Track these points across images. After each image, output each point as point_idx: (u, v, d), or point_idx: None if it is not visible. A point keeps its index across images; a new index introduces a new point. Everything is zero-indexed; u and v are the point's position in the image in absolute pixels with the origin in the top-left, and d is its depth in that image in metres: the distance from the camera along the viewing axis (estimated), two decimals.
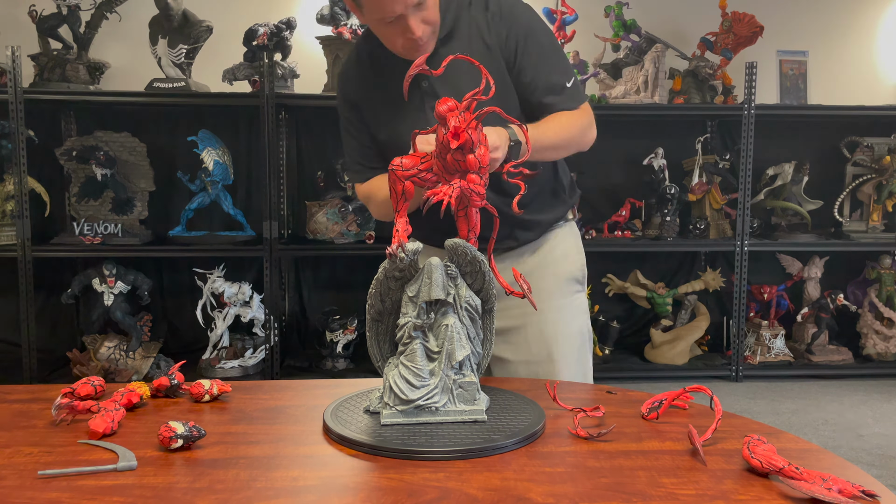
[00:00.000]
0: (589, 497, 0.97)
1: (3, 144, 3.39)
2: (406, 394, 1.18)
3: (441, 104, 1.16)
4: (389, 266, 1.22)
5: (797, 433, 2.94)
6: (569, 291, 1.64)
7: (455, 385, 1.20)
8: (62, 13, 3.43)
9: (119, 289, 3.44)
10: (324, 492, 0.99)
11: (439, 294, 1.19)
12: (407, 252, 1.19)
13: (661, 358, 3.90)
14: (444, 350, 1.20)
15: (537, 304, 1.51)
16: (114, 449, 1.10)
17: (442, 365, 1.19)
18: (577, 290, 1.66)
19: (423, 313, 1.21)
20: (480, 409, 1.20)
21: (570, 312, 1.63)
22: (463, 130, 1.14)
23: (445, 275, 1.21)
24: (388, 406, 1.19)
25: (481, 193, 1.19)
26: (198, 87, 3.48)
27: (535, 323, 1.59)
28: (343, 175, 3.62)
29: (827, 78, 4.21)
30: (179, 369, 1.41)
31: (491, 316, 1.28)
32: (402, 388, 1.19)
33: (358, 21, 3.44)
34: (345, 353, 3.64)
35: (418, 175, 1.21)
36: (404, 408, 1.18)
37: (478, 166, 1.17)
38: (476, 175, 1.18)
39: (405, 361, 1.21)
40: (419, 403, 1.19)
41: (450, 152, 1.16)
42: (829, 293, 3.95)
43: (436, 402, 1.19)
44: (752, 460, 1.03)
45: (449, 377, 1.20)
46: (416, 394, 1.18)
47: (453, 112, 1.15)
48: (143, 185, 3.60)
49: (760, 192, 3.96)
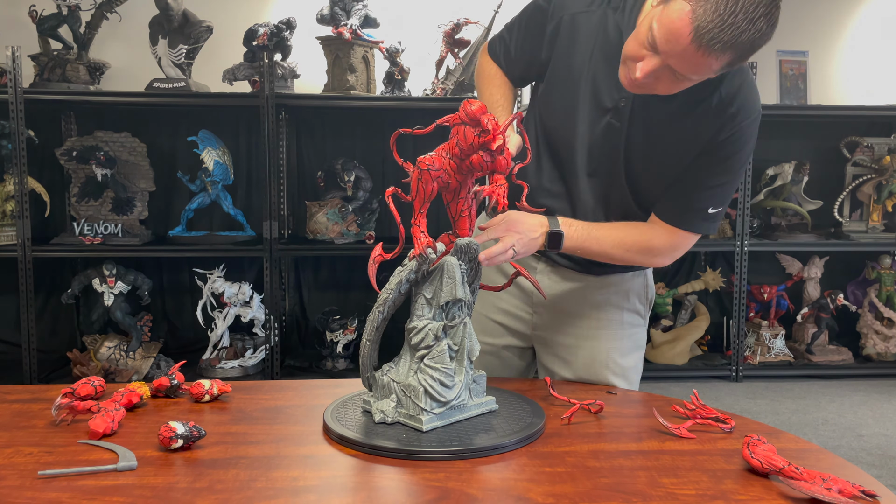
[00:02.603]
0: (589, 497, 0.97)
1: (3, 144, 3.39)
2: (443, 395, 1.19)
3: (470, 104, 1.15)
4: (416, 267, 1.20)
5: (797, 433, 2.94)
6: (629, 323, 1.55)
7: (470, 380, 1.23)
8: (62, 13, 3.43)
9: (119, 289, 3.43)
10: (324, 492, 0.99)
11: (463, 293, 1.20)
12: (438, 252, 1.21)
13: (661, 358, 3.89)
14: (462, 348, 1.21)
15: (594, 328, 1.53)
16: (114, 449, 1.10)
17: (463, 363, 1.22)
18: (637, 323, 1.58)
19: (440, 314, 1.22)
20: (491, 398, 1.26)
21: (626, 345, 1.55)
22: (502, 132, 1.14)
23: (461, 275, 1.21)
24: (425, 411, 1.17)
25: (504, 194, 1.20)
26: (198, 87, 3.48)
27: (587, 348, 1.53)
28: (343, 175, 3.61)
29: (827, 78, 4.21)
30: (179, 369, 1.41)
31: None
32: (438, 390, 1.18)
33: (358, 22, 3.45)
34: (345, 353, 3.64)
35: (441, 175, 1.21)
36: (441, 410, 1.19)
37: (506, 167, 1.18)
38: (501, 175, 1.19)
39: (433, 364, 1.19)
40: (454, 404, 1.21)
41: (477, 152, 1.16)
42: (829, 293, 3.96)
43: (463, 399, 1.22)
44: (752, 460, 1.03)
45: (467, 374, 1.23)
46: (450, 394, 1.20)
47: (484, 113, 1.14)
48: (143, 185, 3.60)
49: (760, 192, 3.96)
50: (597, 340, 1.52)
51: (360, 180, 3.64)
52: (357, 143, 3.94)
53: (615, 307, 1.54)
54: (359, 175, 3.62)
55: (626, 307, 1.54)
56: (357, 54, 3.48)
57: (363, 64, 3.54)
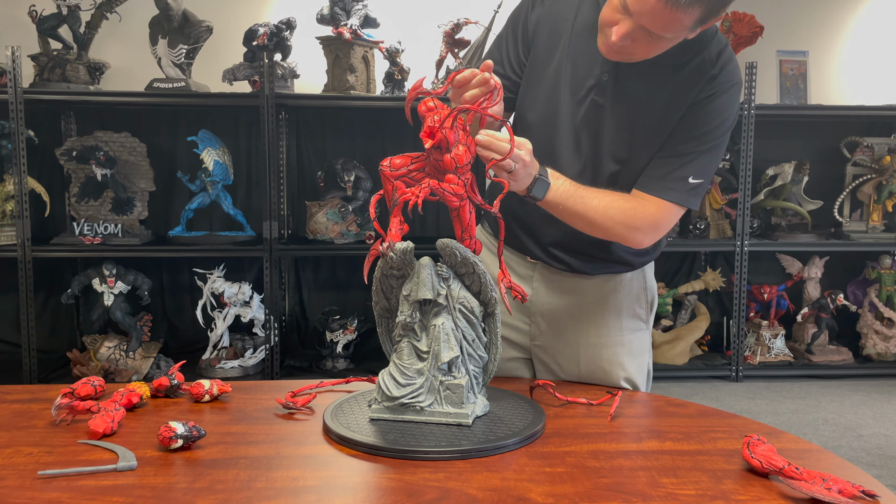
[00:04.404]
0: (589, 497, 0.97)
1: (3, 144, 3.39)
2: (391, 391, 1.19)
3: (422, 105, 1.15)
4: (383, 264, 1.22)
5: (797, 433, 2.94)
6: (630, 328, 1.52)
7: (442, 387, 1.19)
8: (62, 13, 3.43)
9: (119, 289, 3.43)
10: (324, 492, 0.99)
11: (426, 294, 1.19)
12: (395, 251, 1.19)
13: (661, 358, 3.89)
14: (432, 350, 1.20)
15: (594, 336, 1.50)
16: (114, 449, 1.10)
17: (429, 365, 1.20)
18: (639, 327, 1.54)
19: (415, 312, 1.21)
20: (466, 413, 1.18)
21: (629, 350, 1.52)
22: (437, 129, 1.13)
23: (435, 275, 1.20)
24: (377, 401, 1.21)
25: (458, 194, 1.17)
26: (198, 87, 3.48)
27: (589, 356, 1.50)
28: (343, 175, 3.62)
29: (827, 78, 4.21)
30: (179, 369, 1.41)
31: (494, 319, 1.23)
32: (388, 385, 1.20)
33: (358, 22, 3.45)
34: (345, 353, 3.64)
35: (408, 175, 1.19)
36: (390, 404, 1.20)
37: (454, 166, 1.16)
38: (454, 175, 1.17)
39: (395, 359, 1.22)
40: (404, 401, 1.19)
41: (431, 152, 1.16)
42: (829, 293, 3.96)
43: (421, 401, 1.19)
44: (752, 460, 1.03)
45: (436, 378, 1.20)
46: (400, 391, 1.19)
47: (431, 112, 1.14)
48: (143, 185, 3.60)
49: (760, 192, 3.96)
50: (597, 348, 1.50)
51: (360, 180, 3.64)
52: (357, 143, 3.94)
53: (614, 313, 1.51)
54: (359, 175, 3.62)
55: (626, 312, 1.52)
56: (357, 54, 3.48)
57: (363, 64, 3.54)
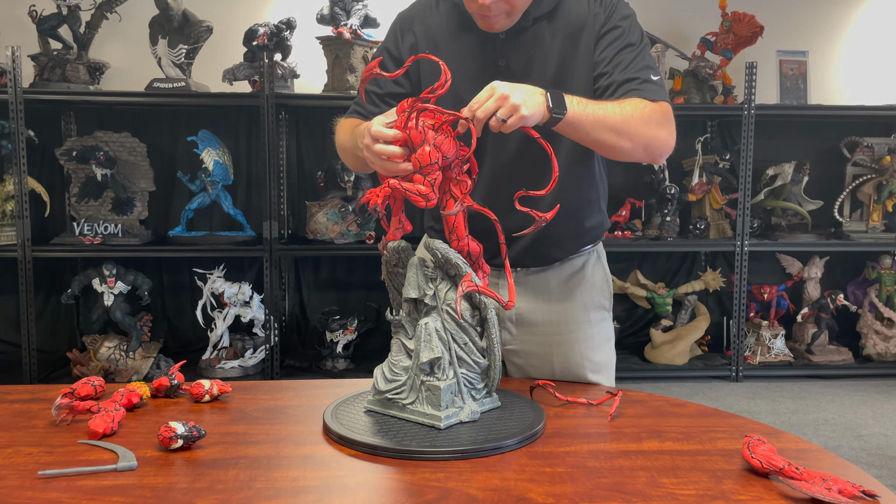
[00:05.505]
0: (589, 497, 0.97)
1: (3, 144, 3.39)
2: (380, 385, 1.24)
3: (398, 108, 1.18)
4: (386, 262, 1.27)
5: (797, 433, 2.94)
6: (597, 320, 1.58)
7: (424, 387, 1.20)
8: (62, 13, 3.43)
9: (119, 289, 3.43)
10: (324, 492, 0.99)
11: (410, 293, 1.21)
12: (389, 250, 1.24)
13: (661, 358, 3.89)
14: (415, 350, 1.21)
15: (565, 333, 1.53)
16: (114, 449, 1.10)
17: (414, 364, 1.21)
18: (604, 317, 1.60)
19: (408, 311, 1.24)
20: (440, 416, 1.16)
21: (597, 341, 1.57)
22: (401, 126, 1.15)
23: (422, 275, 1.21)
24: (371, 394, 1.26)
25: (423, 193, 1.16)
26: (198, 87, 3.48)
27: (562, 353, 1.54)
28: (343, 175, 3.62)
29: (827, 78, 4.21)
30: (179, 369, 1.41)
31: (488, 323, 1.21)
32: (378, 379, 1.25)
33: (358, 22, 3.45)
34: (345, 354, 3.64)
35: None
36: (379, 398, 1.24)
37: (419, 166, 1.16)
38: (420, 175, 1.17)
39: (390, 355, 1.26)
40: (389, 396, 1.23)
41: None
42: (829, 293, 3.95)
43: (403, 398, 1.22)
44: (752, 460, 1.03)
45: (418, 377, 1.20)
46: (387, 386, 1.23)
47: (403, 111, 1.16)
48: (143, 185, 3.60)
49: (760, 192, 3.96)
50: (569, 345, 1.54)
51: (360, 180, 3.64)
52: None
53: (581, 307, 1.55)
54: (359, 175, 3.62)
55: (591, 304, 1.57)
56: (357, 54, 3.48)
57: (363, 64, 3.54)
